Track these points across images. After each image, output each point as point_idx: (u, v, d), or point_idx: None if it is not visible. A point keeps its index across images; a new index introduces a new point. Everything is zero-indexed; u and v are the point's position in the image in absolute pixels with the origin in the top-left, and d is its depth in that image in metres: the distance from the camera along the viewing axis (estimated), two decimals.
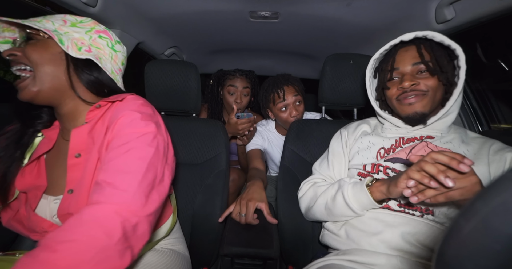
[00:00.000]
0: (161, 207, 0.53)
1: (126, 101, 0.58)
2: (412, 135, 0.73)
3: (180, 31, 1.40)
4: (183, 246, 0.77)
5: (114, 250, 0.42)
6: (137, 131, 0.52)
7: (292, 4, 1.07)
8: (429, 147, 0.69)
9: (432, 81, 0.66)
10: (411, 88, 0.67)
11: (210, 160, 0.98)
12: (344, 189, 0.68)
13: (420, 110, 0.67)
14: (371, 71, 0.78)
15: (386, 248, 0.62)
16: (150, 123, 0.54)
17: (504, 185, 0.22)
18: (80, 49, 0.56)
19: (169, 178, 0.57)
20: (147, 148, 0.51)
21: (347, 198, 0.66)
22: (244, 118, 1.18)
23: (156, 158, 0.52)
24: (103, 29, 0.62)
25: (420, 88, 0.67)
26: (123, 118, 0.53)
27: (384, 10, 1.07)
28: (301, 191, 0.84)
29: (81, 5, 0.90)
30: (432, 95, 0.67)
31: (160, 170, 0.53)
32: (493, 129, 1.19)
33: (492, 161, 0.62)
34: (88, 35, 0.59)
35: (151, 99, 1.03)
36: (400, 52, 0.71)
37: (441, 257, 0.25)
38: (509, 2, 0.75)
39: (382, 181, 0.62)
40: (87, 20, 0.61)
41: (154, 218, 0.50)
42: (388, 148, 0.73)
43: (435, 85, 0.66)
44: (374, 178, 0.65)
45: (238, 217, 0.82)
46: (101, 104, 0.57)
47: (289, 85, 1.20)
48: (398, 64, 0.70)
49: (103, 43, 0.61)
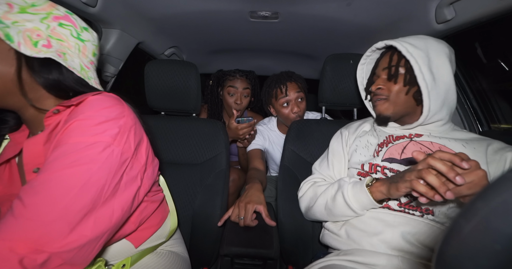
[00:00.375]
0: (106, 233, 0.44)
1: (84, 104, 0.47)
2: (401, 133, 0.75)
3: (180, 31, 1.40)
4: (182, 248, 0.77)
5: None
6: (83, 141, 0.42)
7: (292, 4, 1.07)
8: (423, 145, 0.69)
9: (394, 86, 0.70)
10: (375, 92, 0.73)
11: (210, 160, 0.98)
12: (344, 189, 0.68)
13: (382, 113, 0.73)
14: (363, 74, 0.85)
15: (387, 248, 0.61)
16: (107, 131, 0.44)
17: (504, 185, 0.22)
18: (37, 45, 0.45)
19: (131, 192, 0.48)
20: (88, 164, 0.42)
21: (347, 197, 0.67)
22: (244, 123, 1.19)
23: (102, 173, 0.43)
24: (64, 13, 0.49)
25: (382, 93, 0.71)
26: (72, 125, 0.44)
27: (384, 10, 1.07)
28: (301, 191, 0.84)
29: (81, 5, 0.90)
30: (394, 99, 0.70)
31: (109, 187, 0.43)
32: (493, 129, 1.19)
33: (491, 161, 0.62)
34: (44, 24, 0.46)
35: (151, 99, 1.03)
36: (383, 56, 0.75)
37: (441, 257, 0.25)
38: (509, 2, 0.75)
39: (382, 181, 0.63)
40: (40, 1, 0.47)
41: (79, 252, 0.41)
42: (381, 143, 0.75)
43: (397, 89, 0.70)
44: (374, 178, 0.65)
45: (237, 219, 0.83)
46: (59, 109, 0.48)
47: (292, 82, 1.23)
48: (377, 68, 0.76)
49: (65, 33, 0.48)
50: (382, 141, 0.75)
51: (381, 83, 0.72)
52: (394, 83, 0.70)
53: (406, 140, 0.73)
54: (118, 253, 0.60)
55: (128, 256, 0.61)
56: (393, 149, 0.72)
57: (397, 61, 0.70)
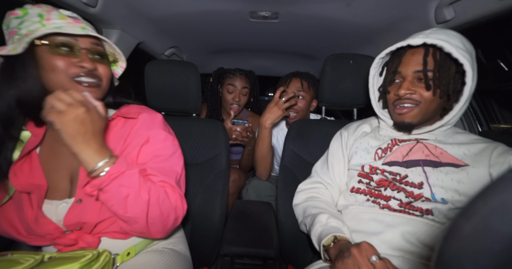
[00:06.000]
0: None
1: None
2: (407, 137, 0.73)
3: (180, 31, 1.40)
4: (184, 246, 0.77)
5: None
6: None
7: (292, 4, 1.07)
8: (428, 149, 0.69)
9: (428, 93, 0.63)
10: (406, 97, 0.65)
11: (210, 160, 0.98)
12: (313, 230, 0.68)
13: (408, 120, 0.67)
14: (376, 69, 0.75)
15: (387, 249, 0.62)
16: None
17: (503, 185, 0.22)
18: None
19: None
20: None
21: (313, 240, 0.67)
22: (239, 125, 1.20)
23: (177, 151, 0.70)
24: None
25: (415, 98, 0.64)
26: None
27: (384, 10, 1.07)
28: (296, 198, 0.84)
29: (81, 5, 0.90)
30: (425, 107, 0.64)
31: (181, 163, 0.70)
32: (493, 129, 1.19)
33: (494, 163, 0.61)
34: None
35: (151, 99, 1.03)
36: (407, 54, 0.66)
37: (441, 257, 0.25)
38: (509, 2, 0.75)
39: (337, 246, 0.60)
40: None
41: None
42: (385, 148, 0.73)
43: (430, 97, 0.63)
44: (335, 237, 0.62)
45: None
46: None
47: (298, 78, 1.26)
48: (401, 68, 0.67)
49: None
50: (386, 145, 0.73)
51: (412, 87, 0.64)
52: (428, 89, 0.62)
53: (413, 142, 0.71)
54: (123, 243, 0.63)
55: (132, 245, 0.64)
56: (398, 152, 0.71)
57: (434, 65, 0.61)
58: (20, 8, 0.54)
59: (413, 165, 0.67)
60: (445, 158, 0.65)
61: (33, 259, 0.50)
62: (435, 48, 0.62)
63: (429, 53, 0.62)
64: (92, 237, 0.59)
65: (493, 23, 0.86)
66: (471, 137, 0.70)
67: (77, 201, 0.55)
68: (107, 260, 0.55)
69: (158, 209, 0.54)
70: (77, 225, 0.56)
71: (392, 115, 0.71)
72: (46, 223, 0.55)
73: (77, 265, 0.48)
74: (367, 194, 0.71)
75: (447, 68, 0.62)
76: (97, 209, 0.56)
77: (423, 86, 0.64)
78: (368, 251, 0.51)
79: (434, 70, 0.62)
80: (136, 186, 0.52)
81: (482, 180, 0.60)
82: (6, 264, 0.48)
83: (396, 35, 1.23)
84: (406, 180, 0.66)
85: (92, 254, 0.52)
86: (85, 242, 0.58)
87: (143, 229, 0.55)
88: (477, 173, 0.61)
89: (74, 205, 0.55)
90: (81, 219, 0.55)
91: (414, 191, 0.64)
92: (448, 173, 0.63)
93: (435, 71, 0.62)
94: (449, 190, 0.61)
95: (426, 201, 0.63)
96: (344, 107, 1.10)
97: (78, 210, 0.55)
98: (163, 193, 0.56)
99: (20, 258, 0.51)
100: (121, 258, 0.62)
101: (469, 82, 0.58)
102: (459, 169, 0.63)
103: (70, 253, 0.55)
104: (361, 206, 0.71)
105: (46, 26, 0.53)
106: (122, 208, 0.51)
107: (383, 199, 0.68)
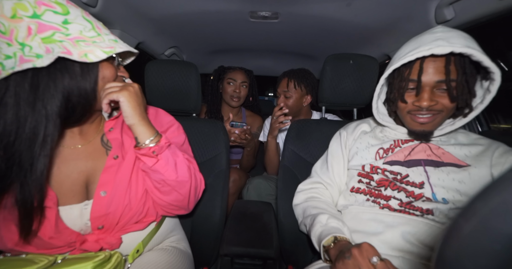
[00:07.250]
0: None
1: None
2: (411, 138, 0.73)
3: (180, 31, 1.40)
4: (186, 244, 0.78)
5: None
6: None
7: (292, 4, 1.07)
8: (430, 149, 0.68)
9: (450, 102, 0.61)
10: (428, 108, 0.62)
11: (210, 159, 0.98)
12: (313, 230, 0.67)
13: (429, 129, 0.66)
14: (386, 78, 0.70)
15: (387, 249, 0.62)
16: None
17: (504, 185, 0.22)
18: None
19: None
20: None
21: (313, 240, 0.67)
22: (237, 127, 1.20)
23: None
24: None
25: (437, 108, 0.62)
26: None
27: (384, 10, 1.07)
28: (296, 198, 0.84)
29: (81, 5, 0.90)
30: (445, 115, 0.64)
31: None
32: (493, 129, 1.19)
33: (496, 163, 0.61)
34: None
35: (151, 100, 1.03)
36: (427, 62, 0.61)
37: (441, 257, 0.25)
38: (509, 2, 0.75)
39: (338, 247, 0.59)
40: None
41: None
42: (387, 148, 0.73)
43: (451, 106, 0.62)
44: (335, 238, 0.61)
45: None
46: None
47: (285, 78, 1.33)
48: (420, 74, 0.62)
49: None
50: (389, 145, 0.73)
51: (434, 98, 0.61)
52: (452, 102, 0.60)
53: (416, 143, 0.71)
54: (131, 242, 0.64)
55: (139, 242, 0.65)
56: (400, 152, 0.70)
57: (457, 74, 0.58)
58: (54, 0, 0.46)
59: (414, 164, 0.67)
60: (447, 158, 0.65)
61: (47, 259, 0.51)
62: (459, 55, 0.58)
63: (451, 62, 0.59)
64: (113, 238, 0.60)
65: (493, 22, 0.86)
66: (473, 136, 0.70)
67: (101, 193, 0.56)
68: (118, 261, 0.55)
69: (194, 176, 0.64)
70: (103, 218, 0.57)
71: (406, 123, 0.69)
72: (68, 233, 0.54)
73: (90, 265, 0.49)
74: (367, 194, 0.71)
75: (474, 79, 0.60)
76: (122, 197, 0.58)
77: (444, 96, 0.61)
78: (369, 252, 0.51)
79: (458, 79, 0.59)
80: (180, 154, 0.61)
81: (483, 180, 0.60)
82: (22, 263, 0.48)
83: (396, 35, 1.23)
84: (407, 179, 0.66)
85: (105, 255, 0.53)
86: (107, 244, 0.58)
87: (186, 195, 0.62)
88: (478, 173, 0.61)
89: (99, 198, 0.56)
90: (109, 210, 0.56)
91: (414, 191, 0.64)
92: (450, 173, 0.63)
93: (462, 81, 0.59)
94: (450, 190, 0.61)
95: (427, 201, 0.63)
96: (344, 107, 1.10)
97: (103, 202, 0.56)
98: (194, 165, 0.68)
99: (34, 258, 0.51)
100: (132, 257, 0.62)
101: (493, 91, 0.59)
102: (461, 169, 0.63)
103: (83, 254, 0.56)
104: (361, 206, 0.71)
105: (103, 38, 0.52)
106: (175, 172, 0.58)
107: (383, 199, 0.68)
